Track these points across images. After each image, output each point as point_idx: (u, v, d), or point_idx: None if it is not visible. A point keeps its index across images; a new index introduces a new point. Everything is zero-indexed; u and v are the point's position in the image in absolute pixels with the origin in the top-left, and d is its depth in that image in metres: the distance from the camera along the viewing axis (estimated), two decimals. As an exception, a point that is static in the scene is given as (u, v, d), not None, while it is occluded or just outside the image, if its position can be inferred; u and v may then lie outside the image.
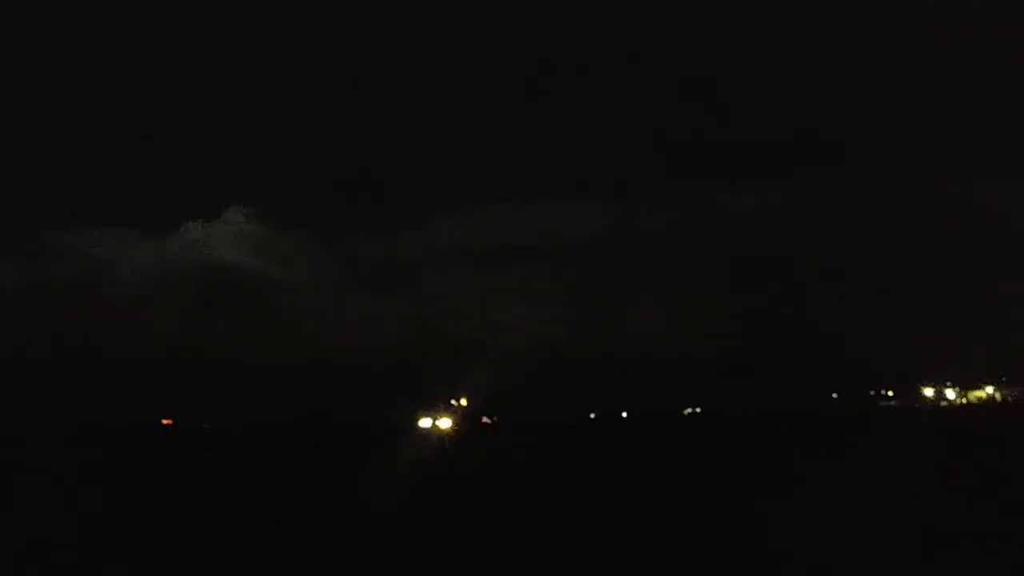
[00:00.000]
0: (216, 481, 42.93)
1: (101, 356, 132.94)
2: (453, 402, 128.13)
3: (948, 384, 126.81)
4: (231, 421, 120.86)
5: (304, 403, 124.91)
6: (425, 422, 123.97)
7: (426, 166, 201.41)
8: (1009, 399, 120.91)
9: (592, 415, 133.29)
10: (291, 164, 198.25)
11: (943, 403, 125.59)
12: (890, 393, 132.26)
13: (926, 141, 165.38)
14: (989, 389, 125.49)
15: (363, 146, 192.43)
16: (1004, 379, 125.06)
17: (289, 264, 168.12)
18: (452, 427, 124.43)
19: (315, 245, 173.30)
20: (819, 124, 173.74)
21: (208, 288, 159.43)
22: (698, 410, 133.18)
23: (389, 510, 28.58)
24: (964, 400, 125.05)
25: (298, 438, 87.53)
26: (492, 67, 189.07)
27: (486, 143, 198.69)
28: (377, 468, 49.80)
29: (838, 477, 33.09)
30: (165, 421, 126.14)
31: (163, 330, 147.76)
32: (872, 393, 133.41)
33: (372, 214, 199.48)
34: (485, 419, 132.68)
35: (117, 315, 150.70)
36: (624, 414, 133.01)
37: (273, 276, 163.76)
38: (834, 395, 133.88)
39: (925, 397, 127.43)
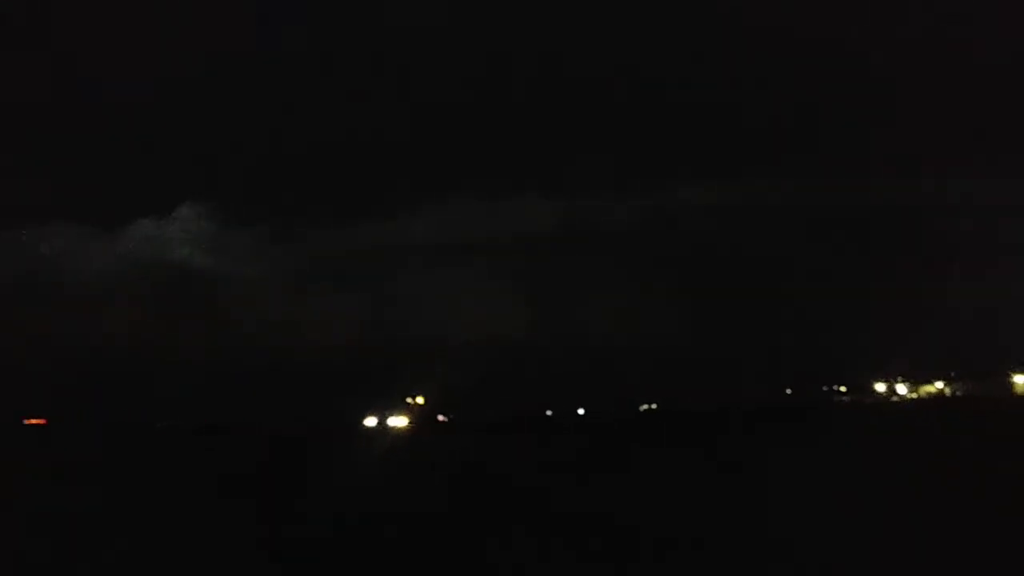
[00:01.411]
0: (173, 483, 42.05)
1: (50, 355, 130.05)
2: (409, 400, 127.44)
3: (899, 379, 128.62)
4: (185, 421, 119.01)
5: (260, 402, 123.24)
6: (371, 421, 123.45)
7: (383, 163, 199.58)
8: (958, 394, 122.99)
9: (549, 412, 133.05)
10: (246, 160, 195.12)
11: (894, 398, 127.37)
12: (843, 388, 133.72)
13: (882, 139, 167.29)
14: (939, 384, 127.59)
15: (319, 142, 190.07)
16: (953, 375, 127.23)
17: (244, 261, 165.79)
18: (408, 426, 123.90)
19: (270, 242, 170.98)
20: (773, 121, 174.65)
21: (161, 286, 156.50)
22: (654, 406, 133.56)
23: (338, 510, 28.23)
24: (915, 395, 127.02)
25: (253, 439, 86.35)
26: (448, 64, 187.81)
27: (443, 139, 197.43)
28: (331, 468, 49.34)
29: (802, 470, 33.09)
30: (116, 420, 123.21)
31: (114, 328, 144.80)
32: (825, 388, 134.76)
33: (328, 211, 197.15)
34: (441, 417, 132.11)
35: (66, 313, 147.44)
36: (581, 411, 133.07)
37: (228, 273, 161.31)
38: (788, 390, 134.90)
39: (877, 392, 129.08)
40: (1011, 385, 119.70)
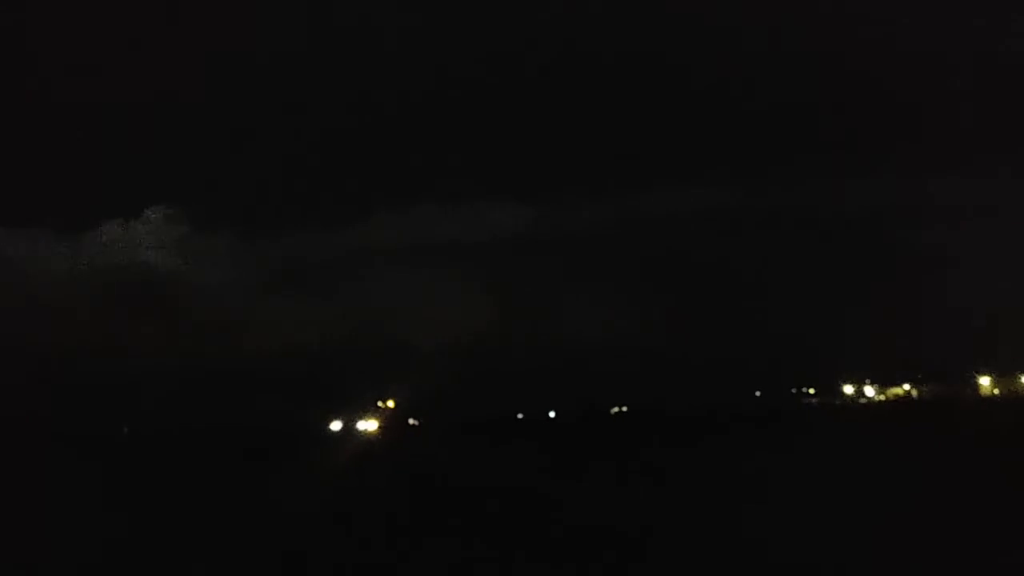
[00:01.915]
0: (132, 489, 41.35)
1: (14, 358, 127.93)
2: (380, 403, 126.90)
3: (867, 382, 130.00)
4: (150, 426, 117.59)
5: (230, 406, 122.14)
6: (336, 425, 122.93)
7: (352, 166, 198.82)
8: (925, 396, 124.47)
9: (520, 415, 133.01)
10: (215, 164, 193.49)
11: (862, 400, 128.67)
12: (811, 391, 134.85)
13: (850, 142, 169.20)
14: (906, 386, 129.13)
15: (287, 146, 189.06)
16: (920, 377, 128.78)
17: (213, 265, 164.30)
18: (378, 429, 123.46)
19: (240, 246, 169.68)
20: (746, 127, 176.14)
21: (128, 289, 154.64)
22: (624, 409, 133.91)
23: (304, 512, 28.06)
24: (883, 397, 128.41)
25: (221, 442, 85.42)
26: (415, 68, 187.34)
27: (413, 143, 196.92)
28: (299, 472, 49.06)
29: (775, 472, 33.13)
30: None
31: (80, 332, 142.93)
32: (794, 391, 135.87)
33: (296, 215, 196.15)
34: (411, 420, 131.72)
35: (32, 316, 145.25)
36: (552, 414, 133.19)
37: (196, 277, 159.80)
38: (757, 393, 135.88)
39: (845, 394, 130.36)
40: (977, 387, 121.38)
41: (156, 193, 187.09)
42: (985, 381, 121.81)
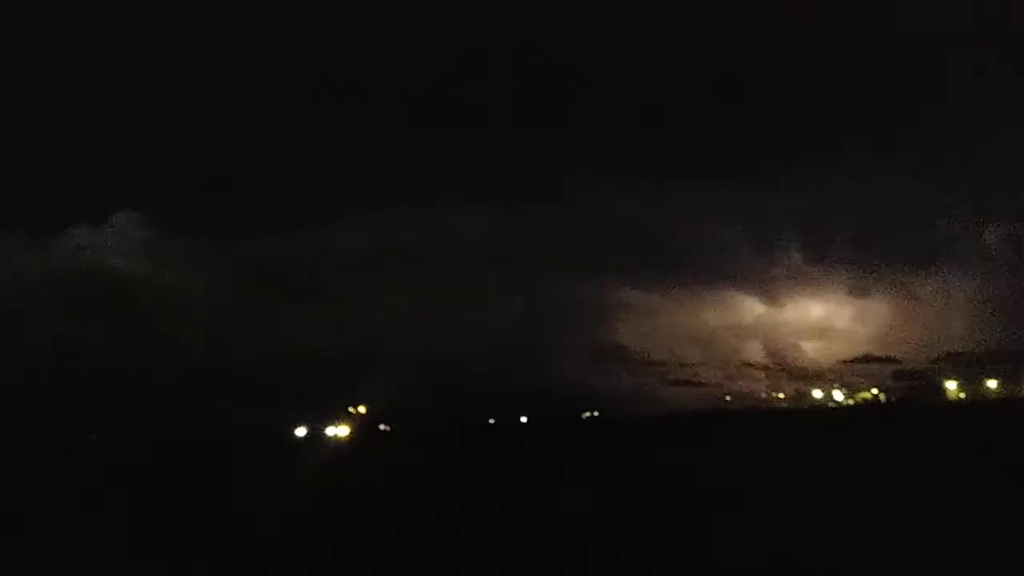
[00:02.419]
0: (97, 495, 40.78)
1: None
2: (351, 409, 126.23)
3: (836, 386, 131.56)
4: (122, 432, 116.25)
5: (198, 412, 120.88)
6: (301, 431, 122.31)
7: (321, 170, 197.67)
8: (892, 399, 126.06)
9: (491, 420, 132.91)
10: (183, 168, 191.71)
11: (831, 404, 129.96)
12: (781, 396, 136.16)
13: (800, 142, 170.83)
14: (874, 390, 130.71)
15: (256, 150, 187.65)
16: (889, 380, 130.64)
17: (180, 270, 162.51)
18: (349, 435, 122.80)
19: (207, 250, 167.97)
20: (714, 127, 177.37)
21: (94, 294, 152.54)
22: (596, 413, 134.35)
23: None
24: (852, 401, 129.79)
25: (189, 448, 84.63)
26: (382, 70, 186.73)
27: (380, 147, 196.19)
28: (268, 478, 48.73)
29: (749, 474, 33.27)
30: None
31: (44, 337, 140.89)
32: (764, 395, 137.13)
33: (266, 219, 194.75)
34: (382, 426, 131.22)
35: None
36: (523, 419, 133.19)
37: (163, 282, 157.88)
38: (727, 397, 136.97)
39: (814, 399, 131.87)
40: (943, 390, 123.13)
41: (124, 197, 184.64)
42: (952, 385, 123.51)
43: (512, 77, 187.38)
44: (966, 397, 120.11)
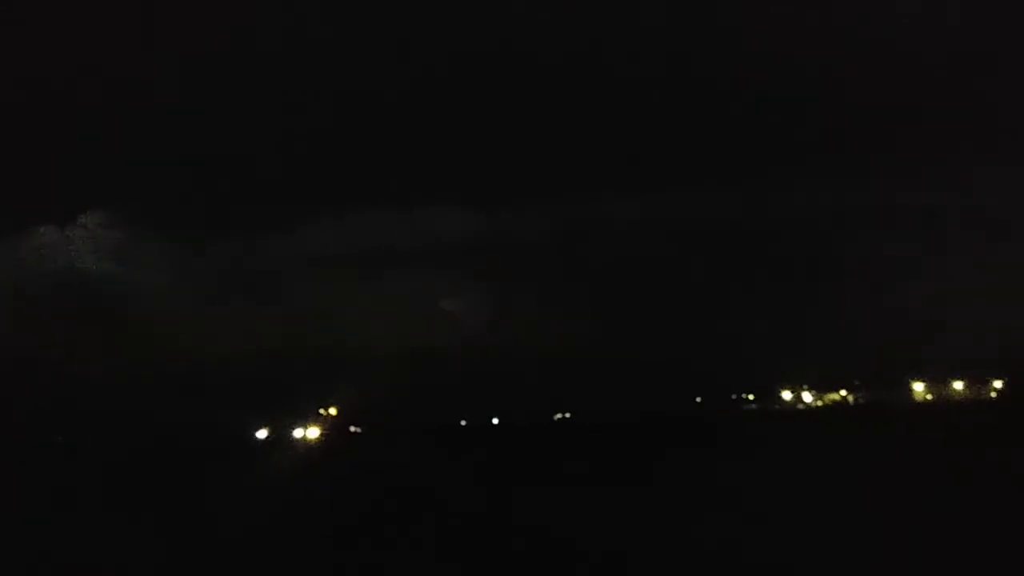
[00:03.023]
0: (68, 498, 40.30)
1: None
2: (322, 411, 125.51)
3: (805, 388, 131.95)
4: (86, 434, 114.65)
5: (166, 414, 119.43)
6: (262, 433, 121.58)
7: (295, 172, 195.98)
8: (861, 401, 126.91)
9: (463, 422, 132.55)
10: (154, 168, 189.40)
11: (800, 406, 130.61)
12: (750, 397, 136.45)
13: (793, 149, 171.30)
14: (843, 392, 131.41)
15: (229, 150, 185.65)
16: (857, 383, 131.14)
17: (150, 270, 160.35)
18: (319, 436, 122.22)
19: (178, 251, 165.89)
20: (688, 136, 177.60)
21: (61, 295, 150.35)
22: (568, 415, 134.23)
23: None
24: (820, 403, 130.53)
25: (156, 451, 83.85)
26: (361, 70, 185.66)
27: (358, 147, 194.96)
28: (235, 479, 48.43)
29: (720, 477, 33.41)
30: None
31: (9, 340, 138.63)
32: (734, 397, 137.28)
33: (239, 219, 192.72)
34: (353, 428, 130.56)
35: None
36: (495, 420, 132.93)
37: (132, 283, 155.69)
38: (698, 399, 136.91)
39: (784, 400, 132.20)
40: (911, 392, 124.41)
41: (93, 197, 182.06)
42: (919, 387, 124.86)
43: (494, 75, 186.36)
44: (932, 399, 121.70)
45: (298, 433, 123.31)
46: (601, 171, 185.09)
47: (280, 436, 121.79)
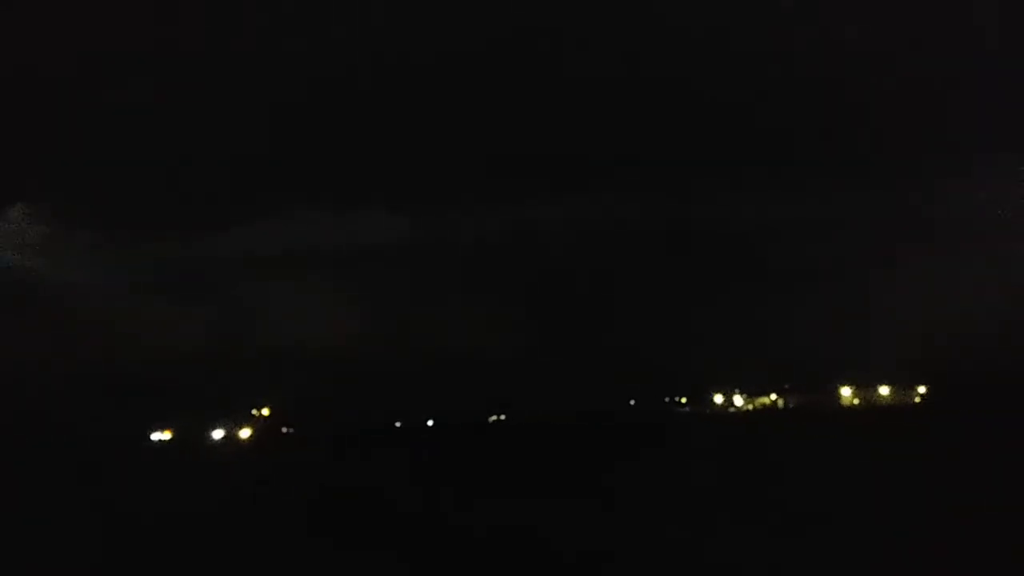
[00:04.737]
0: None
1: None
2: (254, 412, 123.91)
3: (736, 391, 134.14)
4: (9, 436, 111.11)
5: (92, 414, 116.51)
6: (161, 435, 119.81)
7: (227, 171, 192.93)
8: (790, 405, 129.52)
9: (398, 424, 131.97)
10: (83, 162, 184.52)
11: (731, 409, 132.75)
12: (683, 400, 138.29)
13: (720, 155, 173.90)
14: (773, 396, 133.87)
15: (159, 147, 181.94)
16: (787, 387, 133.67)
17: (78, 267, 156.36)
18: (250, 437, 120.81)
19: (107, 247, 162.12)
20: (617, 136, 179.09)
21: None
22: (503, 417, 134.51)
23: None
24: (751, 406, 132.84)
25: (82, 451, 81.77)
26: (292, 73, 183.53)
27: (290, 149, 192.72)
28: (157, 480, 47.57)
29: (660, 480, 33.64)
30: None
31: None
32: (667, 400, 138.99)
33: (170, 217, 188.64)
34: (285, 429, 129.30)
35: None
36: (430, 423, 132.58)
37: (60, 279, 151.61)
38: (631, 402, 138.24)
39: (715, 404, 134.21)
40: (838, 397, 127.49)
41: (16, 190, 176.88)
42: (846, 392, 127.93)
43: (421, 77, 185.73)
44: (859, 403, 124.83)
45: (223, 433, 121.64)
46: (527, 176, 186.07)
47: (201, 437, 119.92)
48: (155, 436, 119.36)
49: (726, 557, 18.31)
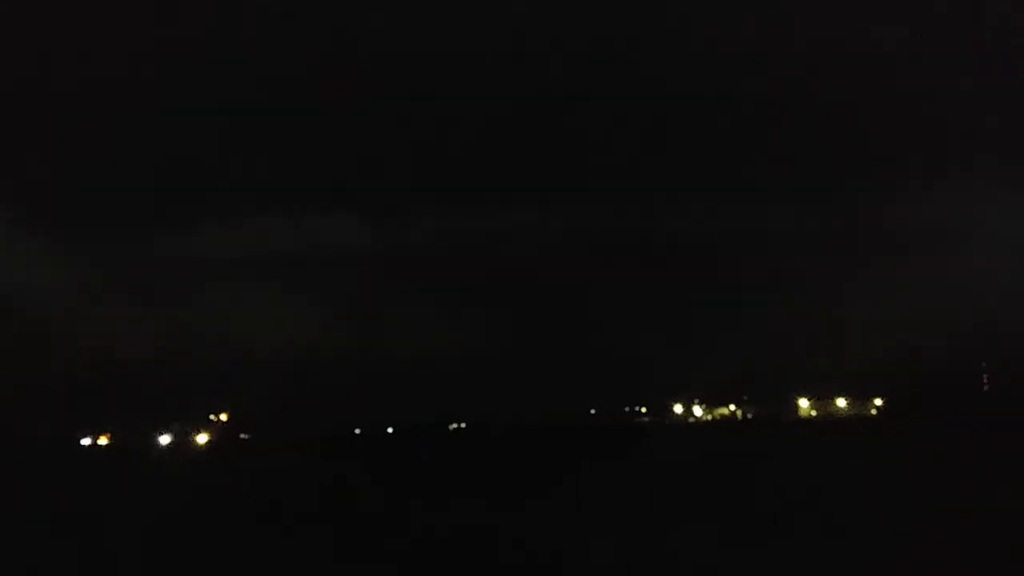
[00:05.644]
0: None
1: None
2: (212, 417, 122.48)
3: (696, 402, 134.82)
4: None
5: (49, 417, 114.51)
6: (93, 439, 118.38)
7: (189, 174, 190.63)
8: (749, 415, 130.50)
9: (357, 431, 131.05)
10: (43, 162, 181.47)
11: (691, 419, 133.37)
12: (643, 409, 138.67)
13: (684, 165, 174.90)
14: (732, 407, 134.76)
15: (121, 149, 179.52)
16: (745, 398, 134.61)
17: (34, 268, 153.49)
18: (208, 442, 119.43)
19: (67, 248, 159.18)
20: (578, 143, 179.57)
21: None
22: (463, 425, 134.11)
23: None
24: (710, 416, 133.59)
25: (38, 455, 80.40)
26: (251, 76, 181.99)
27: (250, 152, 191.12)
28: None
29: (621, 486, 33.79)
30: None
31: None
32: (627, 409, 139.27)
33: (129, 219, 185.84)
34: (243, 435, 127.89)
35: None
36: (390, 429, 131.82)
37: (18, 280, 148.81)
38: (592, 411, 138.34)
39: (675, 414, 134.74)
40: (796, 408, 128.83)
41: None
42: (804, 403, 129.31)
43: (379, 79, 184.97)
44: (816, 415, 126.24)
45: (170, 439, 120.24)
46: (489, 181, 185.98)
47: (145, 442, 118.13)
48: (86, 440, 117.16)
49: (686, 559, 18.45)
